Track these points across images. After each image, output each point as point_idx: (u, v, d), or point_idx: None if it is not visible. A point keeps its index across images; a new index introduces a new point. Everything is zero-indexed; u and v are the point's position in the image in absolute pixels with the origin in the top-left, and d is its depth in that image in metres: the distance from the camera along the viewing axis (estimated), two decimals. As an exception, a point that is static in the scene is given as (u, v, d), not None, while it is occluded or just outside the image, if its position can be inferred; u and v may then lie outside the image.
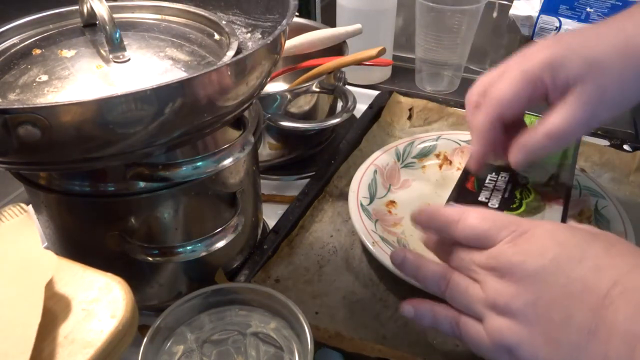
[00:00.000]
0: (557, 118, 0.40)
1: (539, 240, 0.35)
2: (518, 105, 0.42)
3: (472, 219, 0.38)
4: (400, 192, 0.63)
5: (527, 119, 0.57)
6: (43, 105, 0.33)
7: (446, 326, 0.39)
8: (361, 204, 0.57)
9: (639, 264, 0.32)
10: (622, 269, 0.32)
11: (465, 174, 0.52)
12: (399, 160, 0.65)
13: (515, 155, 0.43)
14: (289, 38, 0.69)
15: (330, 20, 0.90)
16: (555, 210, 0.48)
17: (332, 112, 0.72)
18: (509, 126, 0.44)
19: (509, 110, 0.42)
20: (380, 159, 0.64)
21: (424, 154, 0.67)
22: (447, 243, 0.40)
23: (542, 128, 0.41)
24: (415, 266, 0.42)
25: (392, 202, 0.61)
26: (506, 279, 0.35)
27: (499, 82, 0.42)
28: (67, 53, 0.43)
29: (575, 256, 0.34)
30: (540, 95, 0.41)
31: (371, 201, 0.59)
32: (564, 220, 0.47)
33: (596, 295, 0.32)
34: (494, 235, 0.36)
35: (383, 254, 0.51)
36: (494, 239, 0.36)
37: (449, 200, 0.49)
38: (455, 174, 0.60)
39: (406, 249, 0.46)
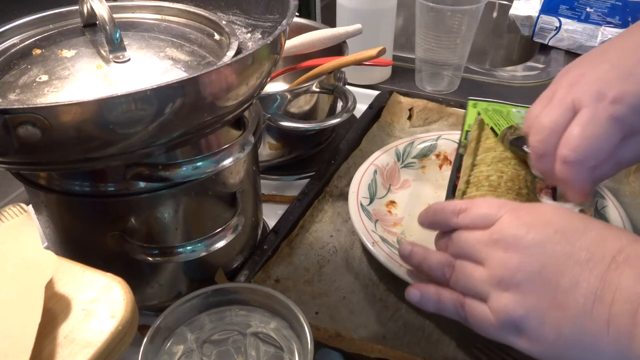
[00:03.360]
0: (628, 151, 0.40)
1: (543, 214, 0.36)
2: (607, 149, 0.40)
3: (480, 204, 0.40)
4: (400, 192, 0.63)
5: (505, 108, 0.60)
6: (43, 105, 0.33)
7: (451, 309, 0.40)
8: (361, 204, 0.57)
9: (639, 239, 0.34)
10: (625, 240, 0.33)
11: (455, 172, 0.53)
12: (399, 160, 0.65)
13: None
14: (289, 38, 0.69)
15: (330, 20, 0.90)
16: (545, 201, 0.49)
17: (332, 112, 0.72)
18: None
19: (599, 154, 0.40)
20: (380, 159, 0.64)
21: (424, 154, 0.67)
22: (450, 235, 0.42)
23: (613, 160, 0.41)
24: (421, 257, 0.44)
25: (392, 202, 0.61)
26: (511, 250, 0.35)
27: (580, 129, 0.40)
28: (67, 53, 0.43)
29: (579, 228, 0.34)
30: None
31: (371, 201, 0.59)
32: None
33: (602, 262, 0.32)
34: (495, 214, 0.38)
35: (383, 254, 0.51)
36: (497, 216, 0.37)
37: (446, 199, 0.49)
38: (455, 174, 0.60)
39: (413, 242, 0.47)
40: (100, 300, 0.33)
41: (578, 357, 0.33)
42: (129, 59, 0.42)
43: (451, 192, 0.50)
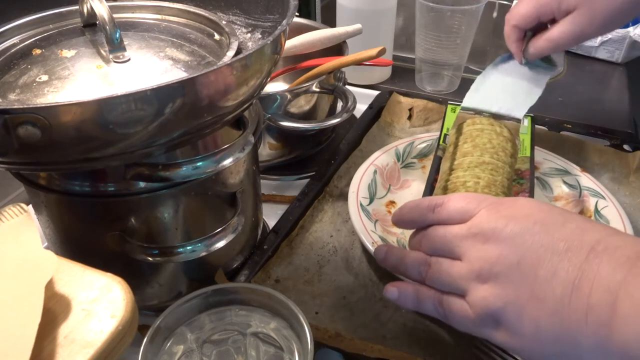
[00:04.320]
0: (555, 30, 0.56)
1: (522, 207, 0.36)
2: (530, 21, 0.59)
3: (457, 198, 0.39)
4: (400, 192, 0.63)
5: (451, 108, 0.65)
6: (43, 105, 0.33)
7: (429, 307, 0.39)
8: (361, 204, 0.57)
9: (618, 232, 0.34)
10: (604, 232, 0.33)
11: (433, 174, 0.54)
12: (398, 160, 0.65)
13: (530, 52, 0.60)
14: (289, 38, 0.69)
15: (330, 20, 0.90)
16: None
17: (332, 112, 0.72)
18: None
19: (524, 23, 0.59)
20: (380, 159, 0.64)
21: (424, 154, 0.67)
22: (425, 231, 0.41)
23: (545, 35, 0.58)
24: (397, 258, 0.43)
25: (392, 203, 0.61)
26: (489, 242, 0.35)
27: (518, 5, 0.59)
28: (67, 53, 0.43)
29: (559, 220, 0.34)
30: (548, 16, 0.57)
31: (371, 201, 0.59)
32: None
33: (580, 252, 0.32)
34: (474, 208, 0.37)
35: (383, 254, 0.51)
36: (475, 211, 0.37)
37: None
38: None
39: (389, 245, 0.47)
40: (100, 300, 0.33)
41: (557, 350, 0.32)
42: (129, 59, 0.42)
43: (427, 195, 0.51)
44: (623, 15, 0.53)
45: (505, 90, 0.61)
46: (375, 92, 0.79)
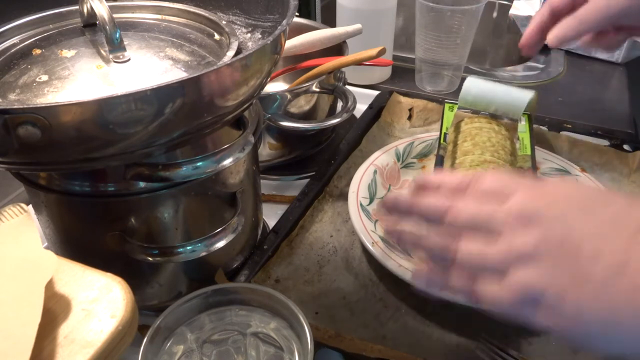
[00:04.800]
0: (582, 8, 0.51)
1: (562, 189, 0.35)
2: (565, 2, 0.53)
3: (491, 178, 0.36)
4: (400, 192, 0.63)
5: (449, 107, 0.65)
6: (43, 105, 0.33)
7: (461, 290, 0.36)
8: (361, 204, 0.57)
9: None
10: None
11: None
12: (399, 160, 0.65)
13: (552, 33, 0.53)
14: (289, 38, 0.69)
15: (330, 20, 0.90)
16: None
17: (332, 112, 0.72)
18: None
19: (558, 5, 0.54)
20: (380, 159, 0.64)
21: (424, 154, 0.67)
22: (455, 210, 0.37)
23: (572, 15, 0.52)
24: (415, 236, 0.39)
25: (392, 202, 0.61)
26: (532, 224, 0.33)
27: None
28: (67, 53, 0.43)
29: (601, 200, 0.34)
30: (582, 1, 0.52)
31: (371, 201, 0.59)
32: None
33: (626, 234, 0.31)
34: (512, 188, 0.35)
35: (383, 255, 0.51)
36: (512, 192, 0.35)
37: None
38: (455, 174, 0.60)
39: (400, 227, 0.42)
40: (100, 300, 0.33)
41: (600, 332, 0.31)
42: (129, 59, 0.42)
43: None
44: None
45: (499, 91, 0.61)
46: (375, 92, 0.79)
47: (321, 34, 0.70)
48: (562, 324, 0.32)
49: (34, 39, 0.46)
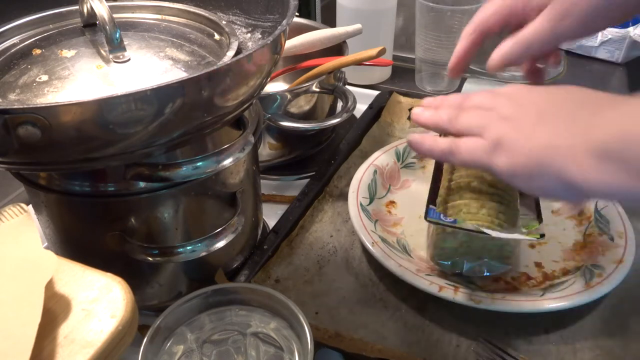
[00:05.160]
0: (526, 30, 0.47)
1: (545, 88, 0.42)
2: (495, 20, 0.50)
3: (476, 95, 0.44)
4: (400, 192, 0.63)
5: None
6: (43, 105, 0.33)
7: (444, 146, 0.42)
8: (361, 204, 0.57)
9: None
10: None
11: (436, 173, 0.53)
12: (398, 160, 0.65)
13: (492, 58, 0.49)
14: (289, 38, 0.69)
15: (330, 20, 0.90)
16: (527, 205, 0.50)
17: (332, 112, 0.72)
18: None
19: (487, 24, 0.51)
20: (380, 159, 0.64)
21: (424, 154, 0.67)
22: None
23: (514, 37, 0.48)
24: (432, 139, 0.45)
25: (392, 203, 0.61)
26: (515, 97, 0.42)
27: (484, 7, 0.51)
28: (67, 53, 0.43)
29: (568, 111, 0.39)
30: (517, 19, 0.49)
31: (371, 201, 0.59)
32: (539, 213, 0.48)
33: (600, 104, 0.36)
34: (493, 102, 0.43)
35: (383, 254, 0.51)
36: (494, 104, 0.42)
37: (428, 204, 0.49)
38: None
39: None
40: (100, 300, 0.33)
41: (535, 173, 0.37)
42: (129, 59, 0.42)
43: (433, 196, 0.50)
44: (605, 13, 0.46)
45: None
46: (375, 92, 0.79)
47: (321, 34, 0.70)
48: (518, 160, 0.39)
49: (34, 39, 0.46)
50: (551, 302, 0.46)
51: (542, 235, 0.45)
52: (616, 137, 0.34)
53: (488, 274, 0.50)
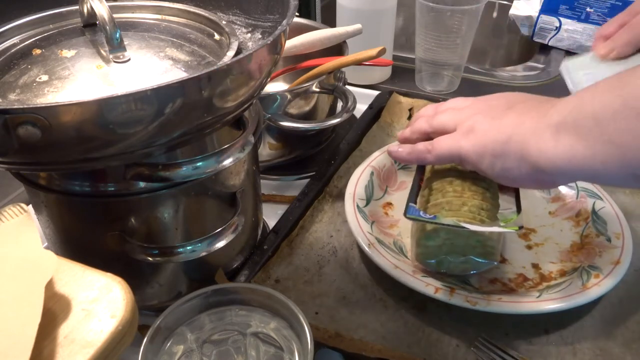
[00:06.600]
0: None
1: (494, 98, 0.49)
2: None
3: (448, 102, 0.53)
4: (397, 193, 0.62)
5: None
6: (43, 105, 0.33)
7: (421, 147, 0.49)
8: (357, 206, 0.57)
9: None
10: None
11: (419, 173, 0.54)
12: (395, 162, 0.65)
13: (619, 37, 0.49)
14: (289, 38, 0.69)
15: (330, 20, 0.90)
16: (507, 200, 0.50)
17: (332, 112, 0.72)
18: None
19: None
20: (377, 160, 0.64)
21: (423, 154, 0.67)
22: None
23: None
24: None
25: (389, 204, 0.61)
26: (482, 102, 0.49)
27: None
28: (67, 53, 0.43)
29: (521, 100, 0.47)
30: None
31: (367, 203, 0.59)
32: (518, 206, 0.49)
33: (557, 100, 0.42)
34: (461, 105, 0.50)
35: (379, 256, 0.51)
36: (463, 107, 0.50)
37: (408, 202, 0.49)
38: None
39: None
40: (100, 300, 0.33)
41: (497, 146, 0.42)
42: (129, 59, 0.42)
43: (414, 194, 0.50)
44: None
45: None
46: (375, 92, 0.79)
47: (321, 34, 0.70)
48: (475, 141, 0.44)
49: (34, 39, 0.46)
50: (548, 304, 0.46)
51: (521, 227, 0.45)
52: (570, 112, 0.38)
53: (475, 271, 0.50)
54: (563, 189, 0.61)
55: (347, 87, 0.68)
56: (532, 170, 0.40)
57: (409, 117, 0.75)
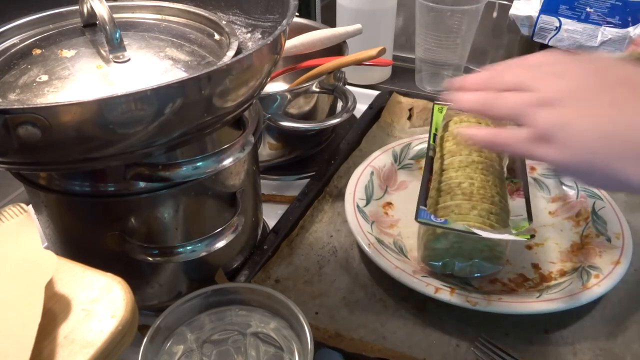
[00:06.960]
0: None
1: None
2: None
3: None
4: (397, 193, 0.63)
5: (438, 108, 0.62)
6: (43, 105, 0.33)
7: (483, 132, 0.39)
8: (357, 206, 0.57)
9: None
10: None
11: (427, 174, 0.53)
12: (395, 161, 0.65)
13: None
14: (289, 38, 0.69)
15: (330, 20, 0.90)
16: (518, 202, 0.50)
17: (332, 112, 0.72)
18: None
19: None
20: (377, 160, 0.64)
21: (421, 155, 0.66)
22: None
23: None
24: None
25: (389, 204, 0.61)
26: (557, 77, 0.37)
27: None
28: (67, 53, 0.43)
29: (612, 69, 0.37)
30: None
31: (367, 203, 0.59)
32: (529, 213, 0.48)
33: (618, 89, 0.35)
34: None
35: (379, 256, 0.51)
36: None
37: (419, 205, 0.49)
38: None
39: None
40: (100, 300, 0.33)
41: (591, 160, 0.34)
42: (129, 59, 0.42)
43: (423, 197, 0.50)
44: None
45: None
46: (375, 92, 0.79)
47: (321, 34, 0.70)
48: (564, 155, 0.35)
49: (34, 39, 0.46)
50: (548, 304, 0.46)
51: (533, 236, 0.45)
52: None
53: (479, 274, 0.50)
54: (563, 188, 0.61)
55: (347, 87, 0.68)
56: (623, 186, 0.35)
57: (409, 117, 0.75)
